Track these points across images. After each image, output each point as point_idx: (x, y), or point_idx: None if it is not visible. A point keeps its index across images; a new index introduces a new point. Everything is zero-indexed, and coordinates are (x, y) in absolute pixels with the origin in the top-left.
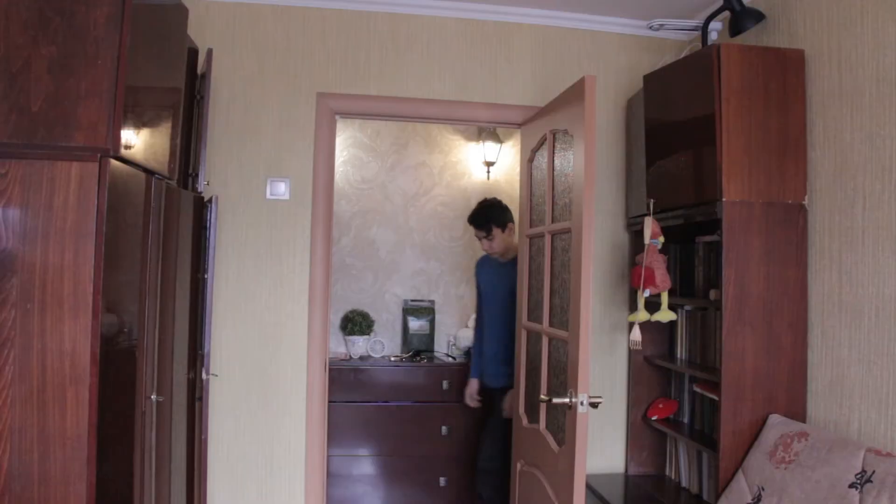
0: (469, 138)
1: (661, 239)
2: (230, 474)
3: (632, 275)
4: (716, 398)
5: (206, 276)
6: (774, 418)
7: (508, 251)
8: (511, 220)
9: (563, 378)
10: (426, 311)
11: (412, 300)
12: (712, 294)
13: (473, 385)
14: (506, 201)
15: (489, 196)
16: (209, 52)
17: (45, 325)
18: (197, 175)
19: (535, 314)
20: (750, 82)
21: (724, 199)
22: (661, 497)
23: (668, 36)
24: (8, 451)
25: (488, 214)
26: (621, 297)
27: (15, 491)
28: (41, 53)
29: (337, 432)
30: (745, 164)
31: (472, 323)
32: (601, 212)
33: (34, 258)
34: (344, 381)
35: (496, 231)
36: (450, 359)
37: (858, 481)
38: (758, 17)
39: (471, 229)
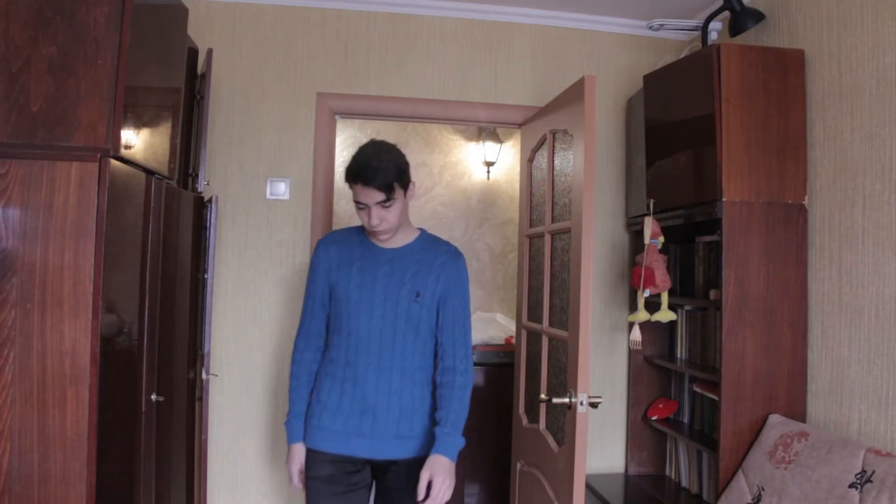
0: (469, 138)
1: (661, 239)
2: (230, 474)
3: (632, 275)
4: (716, 398)
5: (206, 276)
6: (774, 418)
7: (401, 230)
8: (412, 179)
9: (563, 378)
10: None
11: None
12: (712, 294)
13: (301, 454)
14: (505, 201)
15: (489, 195)
16: (209, 52)
17: (45, 325)
18: (197, 175)
19: (534, 314)
20: (750, 82)
21: (724, 199)
22: (661, 497)
23: (668, 36)
24: (8, 451)
25: (397, 165)
26: (621, 297)
27: (15, 491)
28: (41, 53)
29: None
30: (745, 164)
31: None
32: (601, 212)
33: (34, 258)
34: None
35: (398, 194)
36: None
37: (858, 481)
38: (758, 17)
39: (470, 228)
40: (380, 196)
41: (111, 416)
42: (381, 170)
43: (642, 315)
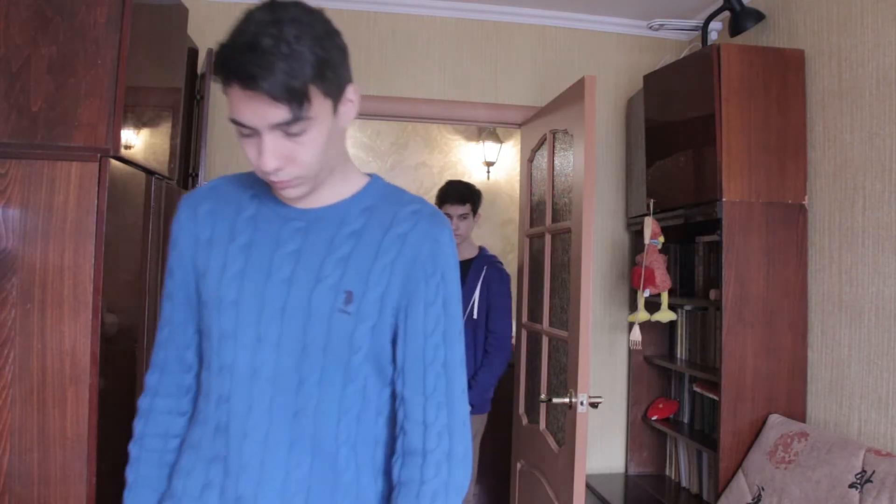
0: (469, 138)
1: (661, 239)
2: None
3: (632, 275)
4: (716, 398)
5: None
6: (774, 418)
7: (330, 178)
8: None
9: (563, 378)
10: None
11: None
12: (712, 294)
13: None
14: (505, 201)
15: (489, 195)
16: (209, 52)
17: (45, 325)
18: (197, 175)
19: (534, 314)
20: (750, 82)
21: (724, 199)
22: (661, 497)
23: (668, 36)
24: (8, 451)
25: (315, 50)
26: (621, 297)
27: (15, 491)
28: (41, 53)
29: None
30: (745, 164)
31: None
32: (601, 212)
33: (34, 258)
34: None
35: (319, 108)
36: None
37: (858, 481)
38: (758, 17)
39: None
40: (278, 112)
41: (111, 416)
42: (280, 57)
43: (642, 315)
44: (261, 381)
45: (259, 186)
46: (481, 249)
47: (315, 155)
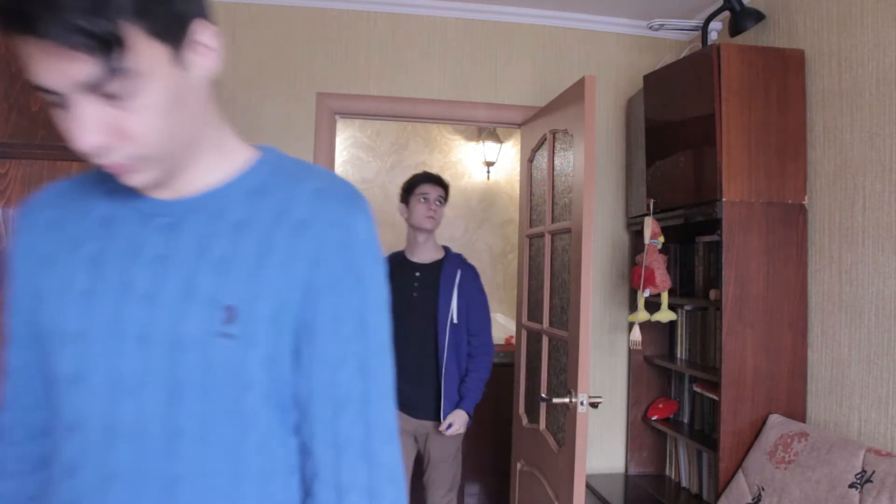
0: (469, 138)
1: (661, 239)
2: None
3: (632, 275)
4: (716, 398)
5: None
6: (774, 418)
7: (195, 158)
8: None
9: (563, 378)
10: None
11: None
12: (712, 294)
13: None
14: (505, 201)
15: (489, 195)
16: None
17: None
18: None
19: (534, 314)
20: (750, 82)
21: (723, 199)
22: (661, 497)
23: (668, 36)
24: None
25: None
26: (621, 297)
27: None
28: None
29: None
30: (745, 164)
31: None
32: (601, 212)
33: None
34: None
35: (148, 52)
36: None
37: (858, 481)
38: (758, 17)
39: (470, 228)
40: (80, 67)
41: None
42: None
43: (642, 315)
44: (119, 441)
45: (111, 184)
46: (447, 249)
47: (155, 124)
